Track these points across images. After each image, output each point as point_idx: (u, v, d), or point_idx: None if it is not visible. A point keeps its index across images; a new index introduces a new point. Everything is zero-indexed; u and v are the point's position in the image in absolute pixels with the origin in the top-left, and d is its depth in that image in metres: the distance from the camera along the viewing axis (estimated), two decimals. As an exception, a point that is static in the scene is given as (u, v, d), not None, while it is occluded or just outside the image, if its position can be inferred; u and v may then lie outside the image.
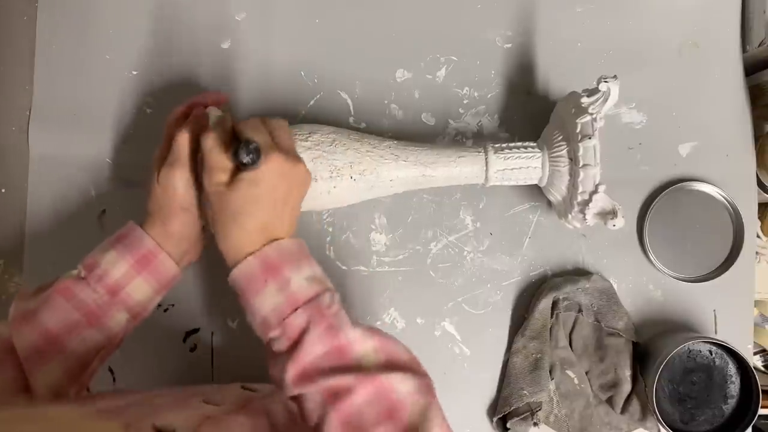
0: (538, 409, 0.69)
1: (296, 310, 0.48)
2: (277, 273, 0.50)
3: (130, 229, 0.56)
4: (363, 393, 0.45)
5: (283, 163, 0.52)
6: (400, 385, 0.46)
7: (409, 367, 0.49)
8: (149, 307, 0.58)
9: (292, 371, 0.47)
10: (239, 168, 0.51)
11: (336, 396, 0.45)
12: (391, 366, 0.48)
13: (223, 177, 0.52)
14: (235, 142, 0.51)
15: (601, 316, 0.71)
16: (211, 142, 0.52)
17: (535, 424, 0.69)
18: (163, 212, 0.56)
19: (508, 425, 0.70)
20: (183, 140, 0.55)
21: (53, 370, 0.51)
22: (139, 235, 0.55)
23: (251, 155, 0.49)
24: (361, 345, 0.48)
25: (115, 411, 0.44)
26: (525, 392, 0.69)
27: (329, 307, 0.50)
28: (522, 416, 0.69)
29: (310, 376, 0.47)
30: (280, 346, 0.48)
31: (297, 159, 0.54)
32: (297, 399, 0.48)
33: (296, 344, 0.48)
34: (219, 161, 0.51)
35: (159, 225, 0.56)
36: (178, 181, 0.55)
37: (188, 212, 0.56)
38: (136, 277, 0.54)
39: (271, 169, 0.51)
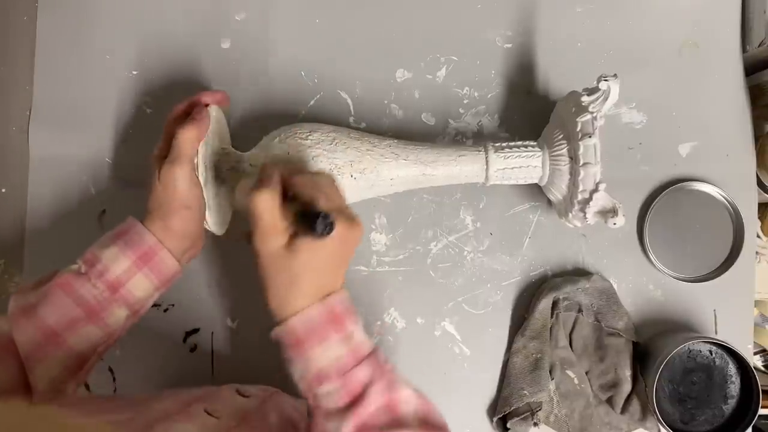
0: (538, 409, 0.69)
1: (360, 363, 0.48)
2: (341, 325, 0.48)
3: (130, 225, 0.56)
4: None
5: (346, 229, 0.49)
6: None
7: (440, 427, 0.49)
8: (148, 304, 0.58)
9: (351, 426, 0.46)
10: (295, 230, 0.49)
11: None
12: (428, 427, 0.48)
13: (282, 240, 0.49)
14: (291, 205, 0.49)
15: (601, 316, 0.71)
16: (267, 202, 0.48)
17: (535, 424, 0.69)
18: (164, 210, 0.56)
19: (508, 425, 0.70)
20: (184, 137, 0.55)
21: (53, 366, 0.51)
22: (140, 231, 0.55)
23: (328, 228, 0.47)
24: (407, 403, 0.48)
25: (126, 424, 0.44)
26: (525, 392, 0.69)
27: (386, 362, 0.50)
28: (522, 416, 0.69)
29: (367, 430, 0.46)
30: (337, 401, 0.47)
31: (354, 220, 0.51)
32: None
33: (358, 399, 0.47)
34: (275, 224, 0.48)
35: (160, 222, 0.56)
36: (179, 179, 0.55)
37: (190, 210, 0.56)
38: (137, 273, 0.54)
39: (339, 235, 0.48)
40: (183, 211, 0.56)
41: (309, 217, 0.47)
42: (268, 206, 0.48)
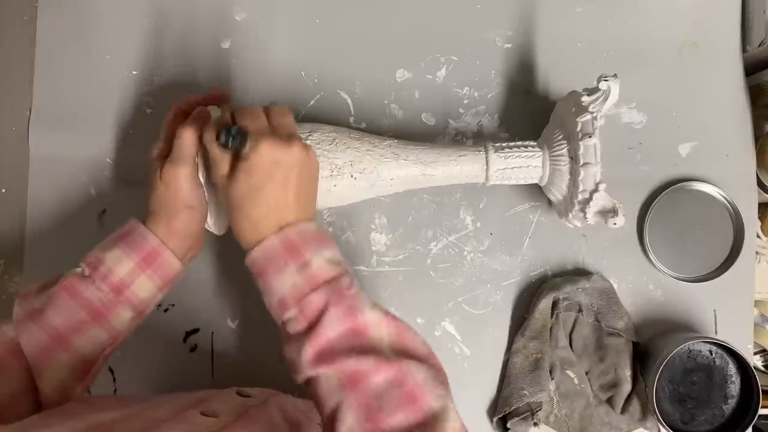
0: (538, 409, 0.69)
1: (315, 289, 0.48)
2: (298, 253, 0.49)
3: (133, 227, 0.56)
4: (382, 377, 0.45)
5: (275, 147, 0.50)
6: (418, 374, 0.46)
7: (424, 358, 0.48)
8: (152, 304, 0.58)
9: (309, 351, 0.46)
10: (236, 157, 0.51)
11: (354, 379, 0.45)
12: (406, 354, 0.47)
13: (224, 169, 0.52)
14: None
15: (601, 316, 0.71)
16: (209, 135, 0.52)
17: (535, 424, 0.69)
18: (167, 210, 0.55)
19: (508, 425, 0.70)
20: (186, 137, 0.55)
21: (60, 370, 0.51)
22: (142, 232, 0.55)
23: (232, 140, 0.49)
24: (376, 329, 0.48)
25: (110, 427, 0.44)
26: (525, 392, 0.69)
27: (349, 288, 0.49)
28: (522, 416, 0.69)
29: (327, 356, 0.46)
30: (297, 326, 0.48)
31: (290, 141, 0.51)
32: (310, 384, 0.47)
33: (314, 324, 0.47)
34: (218, 153, 0.52)
35: (163, 223, 0.56)
36: (182, 179, 0.55)
37: (192, 210, 0.56)
38: (140, 275, 0.54)
39: (262, 155, 0.50)
40: (186, 211, 0.56)
41: (219, 139, 0.50)
42: (210, 137, 0.52)
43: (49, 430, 0.41)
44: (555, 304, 0.71)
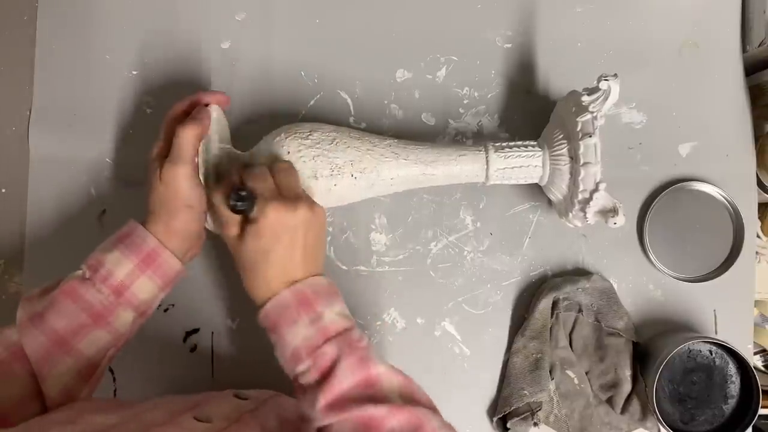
0: (538, 409, 0.69)
1: (328, 341, 0.49)
2: (310, 307, 0.51)
3: (132, 228, 0.56)
4: (396, 422, 0.46)
5: (281, 210, 0.52)
6: (432, 421, 0.47)
7: (434, 409, 0.50)
8: (154, 305, 0.58)
9: (322, 401, 0.47)
10: (245, 219, 0.53)
11: (369, 425, 0.46)
12: (417, 404, 0.48)
13: (234, 230, 0.54)
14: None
15: (601, 316, 0.71)
16: (219, 197, 0.54)
17: (535, 424, 0.69)
18: (166, 210, 0.56)
19: (508, 425, 0.70)
20: (186, 137, 0.55)
21: (64, 373, 0.52)
22: (141, 233, 0.55)
23: (242, 202, 0.51)
24: (388, 379, 0.49)
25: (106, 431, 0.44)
26: (525, 392, 0.69)
27: (359, 340, 0.51)
28: (522, 416, 0.69)
29: (341, 405, 0.47)
30: (310, 378, 0.49)
31: (296, 202, 0.53)
32: (324, 430, 0.48)
33: (327, 375, 0.48)
34: (227, 214, 0.53)
35: (162, 223, 0.56)
36: (181, 178, 0.55)
37: (192, 209, 0.56)
38: (140, 276, 0.54)
39: (270, 219, 0.52)
40: (185, 211, 0.56)
41: (229, 200, 0.52)
42: (219, 200, 0.54)
43: None
44: (555, 304, 0.71)
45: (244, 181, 0.54)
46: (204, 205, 0.58)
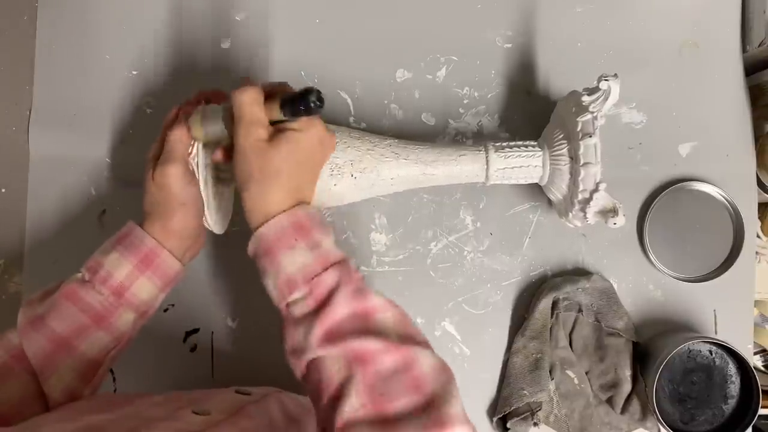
0: (538, 409, 0.69)
1: (327, 269, 0.48)
2: (308, 234, 0.49)
3: (130, 229, 0.56)
4: (390, 360, 0.44)
5: (323, 127, 0.54)
6: (424, 359, 0.45)
7: (426, 345, 0.48)
8: (155, 305, 0.58)
9: (318, 330, 0.45)
10: (276, 125, 0.52)
11: (362, 359, 0.44)
12: (410, 340, 0.47)
13: (264, 133, 0.51)
14: (271, 106, 0.52)
15: (601, 316, 0.71)
16: (251, 95, 0.52)
17: (535, 424, 0.69)
18: (162, 210, 0.56)
19: (508, 425, 0.70)
20: (176, 136, 0.55)
21: (66, 375, 0.52)
22: (139, 234, 0.55)
23: (319, 101, 0.49)
24: (382, 312, 0.48)
25: (103, 428, 0.43)
26: (525, 392, 0.69)
27: (356, 271, 0.50)
28: (522, 416, 0.69)
29: (336, 336, 0.45)
30: (304, 307, 0.47)
31: (329, 130, 0.56)
32: (312, 368, 0.46)
33: (324, 303, 0.46)
34: (258, 116, 0.51)
35: (159, 223, 0.56)
36: (174, 178, 0.55)
37: (187, 208, 0.56)
38: (139, 276, 0.55)
39: (313, 130, 0.52)
40: (180, 210, 0.56)
41: (298, 97, 0.50)
42: (251, 99, 0.51)
43: (43, 430, 0.41)
44: (555, 304, 0.71)
45: (285, 92, 0.53)
46: (199, 203, 0.58)
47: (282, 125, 0.52)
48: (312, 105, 0.49)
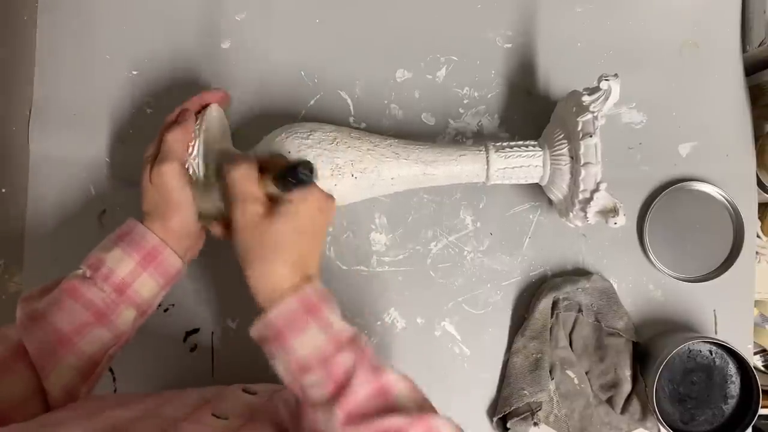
0: (538, 409, 0.69)
1: (341, 350, 0.47)
2: (319, 313, 0.48)
3: (131, 226, 0.56)
4: None
5: (322, 196, 0.52)
6: (445, 428, 0.46)
7: (436, 410, 0.48)
8: (155, 304, 0.58)
9: (341, 415, 0.45)
10: (272, 200, 0.52)
11: None
12: (426, 408, 0.47)
13: (260, 208, 0.51)
14: (264, 181, 0.52)
15: (601, 316, 0.71)
16: (245, 171, 0.51)
17: (535, 423, 0.69)
18: (160, 211, 0.56)
19: (508, 425, 0.70)
20: (172, 137, 0.56)
21: (66, 371, 0.52)
22: (141, 231, 0.55)
23: (310, 173, 0.50)
24: (398, 386, 0.47)
25: (129, 426, 0.43)
26: (525, 392, 0.69)
27: (367, 346, 0.49)
28: (522, 416, 0.69)
29: (360, 418, 0.45)
30: (322, 390, 0.46)
31: (329, 196, 0.55)
32: None
33: (343, 387, 0.46)
34: (253, 192, 0.51)
35: (158, 224, 0.56)
36: (170, 178, 0.55)
37: (185, 208, 0.56)
38: (142, 273, 0.55)
39: (313, 199, 0.51)
40: (178, 210, 0.56)
41: (288, 170, 0.50)
42: (245, 175, 0.51)
43: (65, 428, 0.41)
44: (555, 304, 0.71)
45: (275, 165, 0.54)
46: (195, 203, 0.58)
47: (279, 197, 0.52)
48: (303, 178, 0.50)
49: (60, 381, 0.51)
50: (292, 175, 0.50)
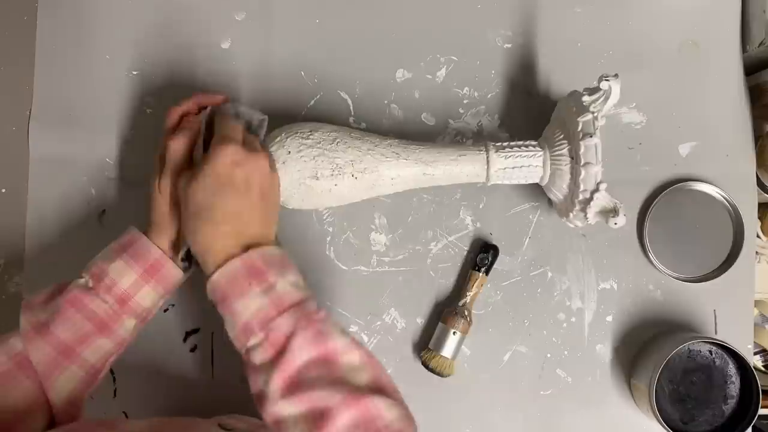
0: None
1: (282, 313, 0.47)
2: (262, 276, 0.48)
3: (134, 238, 0.56)
4: (347, 417, 0.42)
5: (237, 150, 0.51)
6: (387, 412, 0.44)
7: (392, 391, 0.47)
8: (155, 311, 0.59)
9: (278, 380, 0.44)
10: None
11: (320, 418, 0.42)
12: (376, 387, 0.46)
13: (189, 174, 0.53)
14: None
15: None
16: (174, 146, 0.55)
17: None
18: (168, 220, 0.57)
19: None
20: (176, 146, 0.56)
21: (69, 381, 0.52)
22: (145, 244, 0.56)
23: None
24: (347, 355, 0.46)
25: None
26: None
27: (317, 312, 0.48)
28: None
29: (297, 385, 0.44)
30: (263, 355, 0.46)
31: (258, 153, 0.53)
32: (276, 428, 0.45)
33: (282, 351, 0.45)
34: (183, 163, 0.54)
35: (165, 234, 0.57)
36: (176, 188, 0.56)
37: None
38: (144, 286, 0.55)
39: (223, 154, 0.51)
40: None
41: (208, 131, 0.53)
42: (176, 149, 0.55)
43: None
44: None
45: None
46: None
47: None
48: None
49: (63, 391, 0.52)
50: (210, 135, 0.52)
